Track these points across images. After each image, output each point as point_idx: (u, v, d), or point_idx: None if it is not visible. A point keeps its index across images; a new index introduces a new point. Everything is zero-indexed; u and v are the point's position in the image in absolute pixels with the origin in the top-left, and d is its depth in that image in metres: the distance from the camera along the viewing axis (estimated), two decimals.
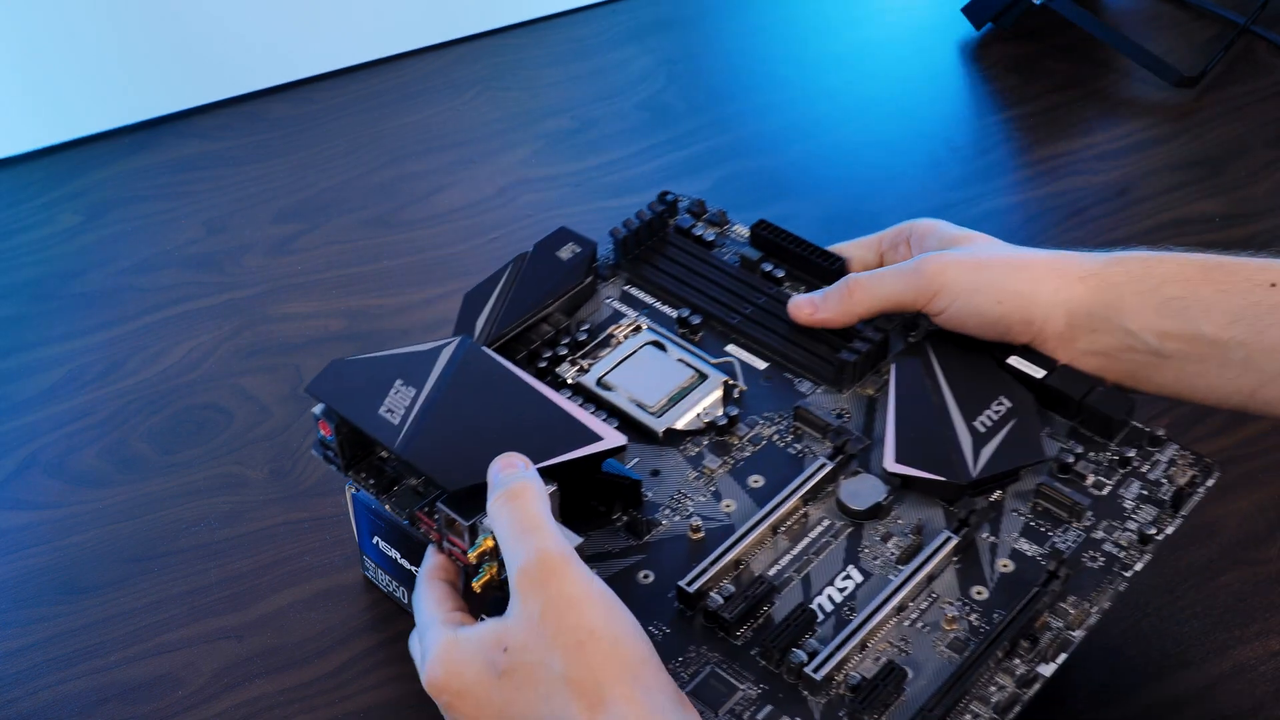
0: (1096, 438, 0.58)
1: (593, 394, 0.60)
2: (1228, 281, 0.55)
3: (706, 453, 0.58)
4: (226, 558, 0.67)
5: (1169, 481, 0.56)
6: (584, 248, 0.64)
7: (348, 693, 0.61)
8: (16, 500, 0.71)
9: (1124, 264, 0.57)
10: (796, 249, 0.65)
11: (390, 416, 0.53)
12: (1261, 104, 0.97)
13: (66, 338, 0.80)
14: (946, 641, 0.51)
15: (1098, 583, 0.53)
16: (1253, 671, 0.62)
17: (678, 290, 0.65)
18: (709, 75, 1.02)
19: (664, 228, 0.68)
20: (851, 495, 0.56)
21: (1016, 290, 0.57)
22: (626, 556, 0.54)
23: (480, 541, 0.50)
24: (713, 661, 0.51)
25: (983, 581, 0.53)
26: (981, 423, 0.57)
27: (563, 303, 0.63)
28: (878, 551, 0.54)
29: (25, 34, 0.94)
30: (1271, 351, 0.53)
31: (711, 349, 0.63)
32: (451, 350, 0.55)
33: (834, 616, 0.52)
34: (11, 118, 0.94)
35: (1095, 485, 0.56)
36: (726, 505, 0.56)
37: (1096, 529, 0.55)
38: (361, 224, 0.88)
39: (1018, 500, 0.56)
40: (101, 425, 0.75)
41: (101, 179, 0.92)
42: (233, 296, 0.83)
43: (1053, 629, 0.51)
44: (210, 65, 0.99)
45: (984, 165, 0.93)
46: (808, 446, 0.58)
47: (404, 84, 1.01)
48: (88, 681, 0.62)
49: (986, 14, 1.03)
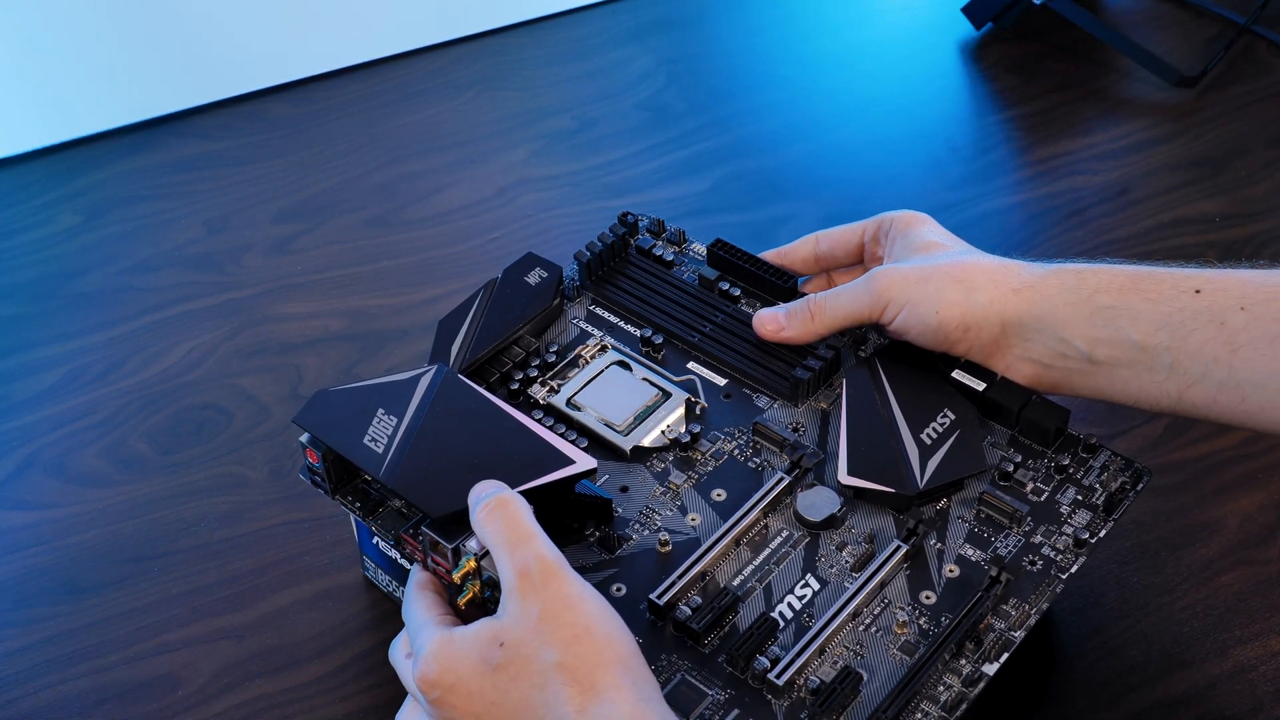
0: (1035, 445, 0.61)
1: (563, 414, 0.63)
2: (1155, 290, 0.57)
3: (672, 468, 0.61)
4: (226, 558, 0.67)
5: (1102, 487, 0.59)
6: (550, 272, 0.67)
7: (348, 693, 0.61)
8: (16, 500, 0.71)
9: (1058, 275, 0.59)
10: (751, 267, 0.68)
11: (374, 445, 0.55)
12: (1261, 104, 0.97)
13: (66, 338, 0.80)
14: (898, 645, 0.54)
15: (1036, 585, 0.56)
16: (1253, 671, 0.62)
17: (640, 310, 0.68)
18: (709, 75, 1.02)
19: (626, 248, 0.70)
20: (808, 507, 0.58)
21: (954, 301, 0.59)
22: (600, 570, 0.57)
23: (464, 563, 0.53)
24: (683, 669, 0.53)
25: (931, 586, 0.56)
26: (928, 435, 0.59)
27: (532, 325, 0.66)
28: (833, 560, 0.57)
29: (25, 34, 0.94)
30: (1195, 354, 0.56)
31: (674, 367, 0.66)
32: (429, 379, 0.58)
33: (794, 623, 0.55)
34: (11, 118, 0.94)
35: (1034, 492, 0.59)
36: (692, 519, 0.59)
37: (1035, 534, 0.58)
38: (361, 224, 0.88)
39: (963, 507, 0.59)
40: (101, 425, 0.75)
41: (101, 179, 0.92)
42: (233, 296, 0.83)
43: (995, 630, 0.54)
44: (210, 65, 0.99)
45: (984, 165, 0.93)
46: (766, 460, 0.61)
47: (404, 84, 1.01)
48: (88, 681, 0.62)
49: (986, 14, 1.03)
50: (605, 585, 0.56)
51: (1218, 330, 0.55)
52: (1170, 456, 0.71)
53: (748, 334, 0.65)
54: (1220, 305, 0.55)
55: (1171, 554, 0.66)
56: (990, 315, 0.59)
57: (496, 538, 0.51)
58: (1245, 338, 0.55)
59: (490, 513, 0.52)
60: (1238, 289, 0.56)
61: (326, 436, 0.56)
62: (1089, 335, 0.57)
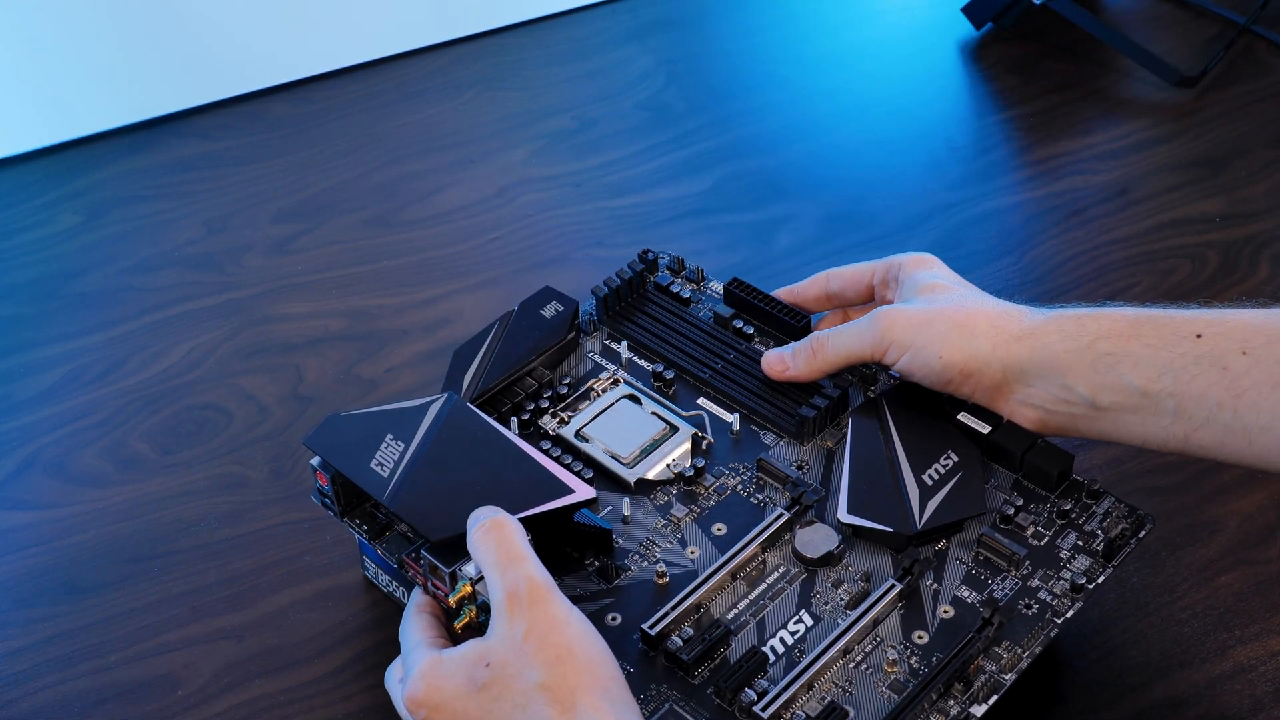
0: (1038, 490, 0.61)
1: (571, 445, 0.64)
2: (1156, 336, 0.57)
3: (675, 501, 0.62)
4: (226, 558, 0.67)
5: (1103, 533, 0.59)
6: (566, 306, 0.68)
7: (348, 693, 0.61)
8: (16, 500, 0.71)
9: (1058, 321, 0.59)
10: (765, 306, 0.69)
11: (380, 470, 0.56)
12: (1261, 104, 0.97)
13: (66, 338, 0.80)
14: (887, 683, 0.55)
15: (1030, 629, 0.56)
16: (1253, 671, 0.62)
17: (654, 345, 0.69)
18: (709, 75, 1.02)
19: (643, 285, 0.71)
20: (805, 544, 0.59)
21: (957, 346, 0.60)
22: (597, 600, 0.58)
23: (460, 587, 0.54)
24: (671, 699, 0.54)
25: (924, 626, 0.56)
26: (930, 475, 0.60)
27: (545, 358, 0.67)
28: (828, 597, 0.58)
29: (25, 34, 0.94)
30: (1199, 400, 0.56)
31: (684, 402, 0.66)
32: (439, 407, 0.59)
33: (785, 658, 0.55)
34: (11, 118, 0.94)
35: (1034, 536, 0.59)
36: (691, 551, 0.60)
37: (1033, 578, 0.58)
38: (361, 224, 0.88)
39: (961, 549, 0.59)
40: (101, 425, 0.75)
41: (101, 179, 0.92)
42: (233, 296, 0.83)
43: (986, 672, 0.54)
44: (210, 65, 0.99)
45: (984, 165, 0.93)
46: (768, 496, 0.62)
47: (404, 84, 1.01)
48: (88, 681, 0.62)
49: (986, 14, 1.03)
50: (601, 615, 0.57)
51: (1220, 375, 0.55)
52: (1170, 457, 0.71)
53: (758, 371, 0.66)
54: (1222, 350, 0.55)
55: (1171, 554, 0.66)
56: (992, 361, 0.59)
57: (489, 558, 0.52)
58: (1248, 382, 0.55)
59: (485, 533, 0.53)
60: (1239, 332, 0.56)
61: (335, 460, 0.57)
62: (1091, 381, 0.58)
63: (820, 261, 0.84)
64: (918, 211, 0.88)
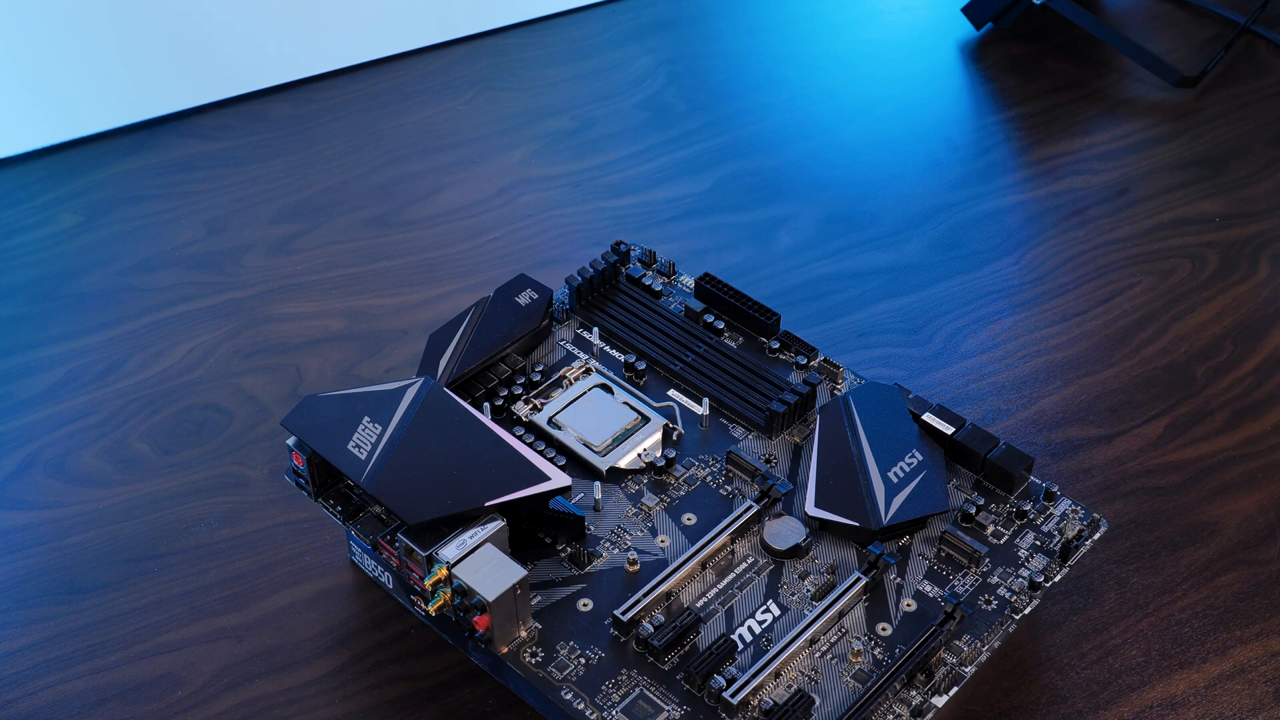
0: (998, 490, 0.63)
1: (544, 432, 0.65)
2: None
3: (645, 491, 0.63)
4: (226, 558, 0.67)
5: (1059, 534, 0.61)
6: (541, 294, 0.68)
7: (348, 693, 0.61)
8: (16, 500, 0.71)
9: None
10: (736, 302, 0.70)
11: (358, 452, 0.57)
12: (1261, 104, 0.97)
13: (66, 338, 0.80)
14: (852, 673, 0.56)
15: (989, 624, 0.58)
16: (1253, 671, 0.62)
17: (626, 336, 0.69)
18: (709, 75, 1.02)
19: (616, 276, 0.72)
20: (774, 536, 0.60)
21: None
22: (569, 585, 0.59)
23: (435, 570, 0.54)
24: (641, 684, 0.55)
25: (888, 619, 0.58)
26: (895, 473, 0.61)
27: (519, 344, 0.68)
28: (795, 588, 0.59)
29: (25, 34, 0.94)
30: None
31: (655, 393, 0.67)
32: (415, 390, 0.59)
33: (753, 646, 0.57)
34: (11, 118, 0.94)
35: (994, 534, 0.61)
36: (661, 540, 0.61)
37: (992, 575, 0.60)
38: (361, 224, 0.88)
39: (924, 545, 0.61)
40: (101, 425, 0.75)
41: (101, 179, 0.92)
42: (233, 296, 0.83)
43: (947, 664, 0.56)
44: (210, 65, 0.99)
45: (984, 165, 0.93)
46: (737, 488, 0.63)
47: (404, 84, 1.01)
48: (88, 681, 0.62)
49: (986, 14, 1.03)
50: (573, 600, 0.58)
51: None
52: (1170, 456, 0.71)
53: (728, 365, 0.67)
54: None
55: (1171, 554, 0.66)
56: None
57: None
58: None
59: None
60: None
61: (312, 440, 0.58)
62: None
63: (820, 261, 0.84)
64: (918, 211, 0.88)
